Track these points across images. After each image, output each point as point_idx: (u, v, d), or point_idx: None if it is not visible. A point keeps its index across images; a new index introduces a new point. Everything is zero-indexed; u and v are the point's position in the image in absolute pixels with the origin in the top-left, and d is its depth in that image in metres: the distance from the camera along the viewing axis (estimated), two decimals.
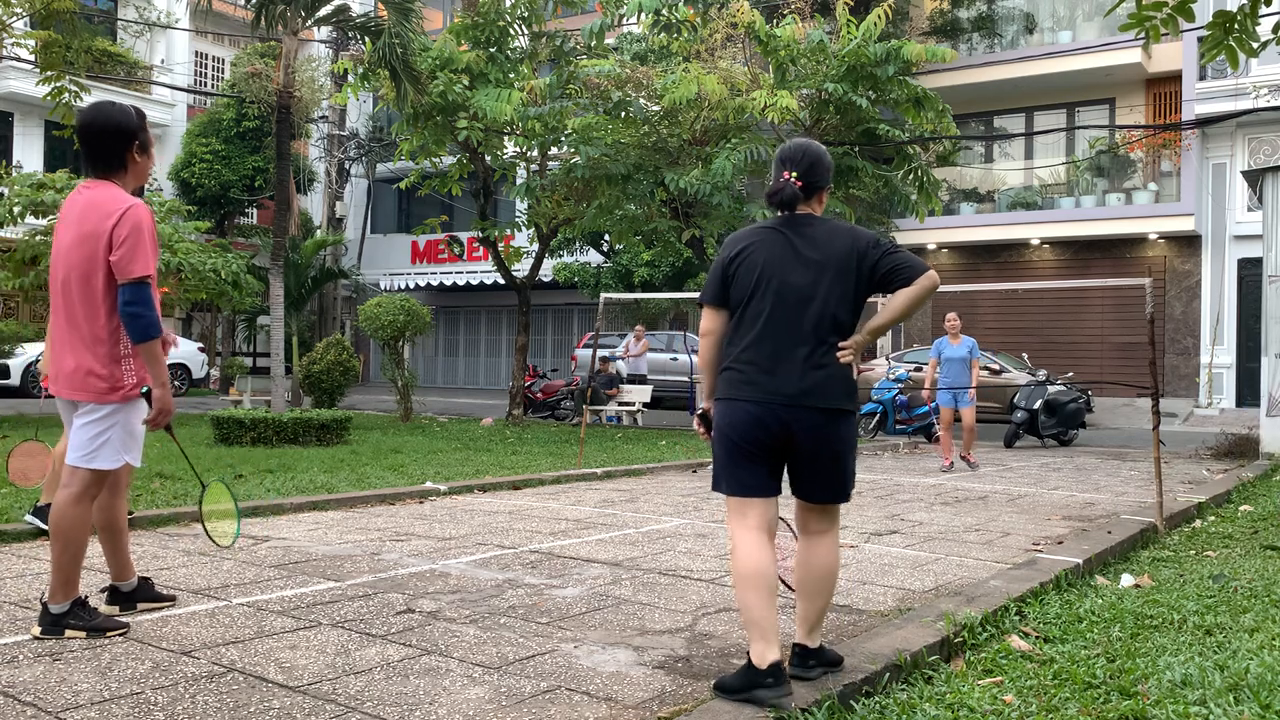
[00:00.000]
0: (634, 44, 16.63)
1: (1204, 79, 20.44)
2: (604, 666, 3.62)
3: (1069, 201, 22.22)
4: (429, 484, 8.33)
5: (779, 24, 14.58)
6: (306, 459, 9.86)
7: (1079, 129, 22.26)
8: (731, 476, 3.35)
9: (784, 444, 3.30)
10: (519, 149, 17.39)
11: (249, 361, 29.72)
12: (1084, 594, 4.85)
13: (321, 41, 28.15)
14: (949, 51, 14.52)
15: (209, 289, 16.88)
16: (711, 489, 3.49)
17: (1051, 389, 14.92)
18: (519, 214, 18.97)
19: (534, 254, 18.74)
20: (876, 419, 15.30)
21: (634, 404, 17.89)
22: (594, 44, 15.22)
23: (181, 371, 23.35)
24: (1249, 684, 3.37)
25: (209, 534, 4.97)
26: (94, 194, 3.88)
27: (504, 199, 20.00)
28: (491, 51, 15.92)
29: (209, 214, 26.89)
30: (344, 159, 30.19)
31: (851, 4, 14.94)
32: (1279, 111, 19.08)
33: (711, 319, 3.47)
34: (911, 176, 15.48)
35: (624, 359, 19.67)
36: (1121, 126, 21.75)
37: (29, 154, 26.03)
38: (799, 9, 15.82)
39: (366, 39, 15.07)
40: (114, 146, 3.93)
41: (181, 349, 23.62)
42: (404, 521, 6.80)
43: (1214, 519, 7.60)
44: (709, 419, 3.48)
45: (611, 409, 17.84)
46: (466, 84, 15.43)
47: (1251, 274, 19.39)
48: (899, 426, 15.32)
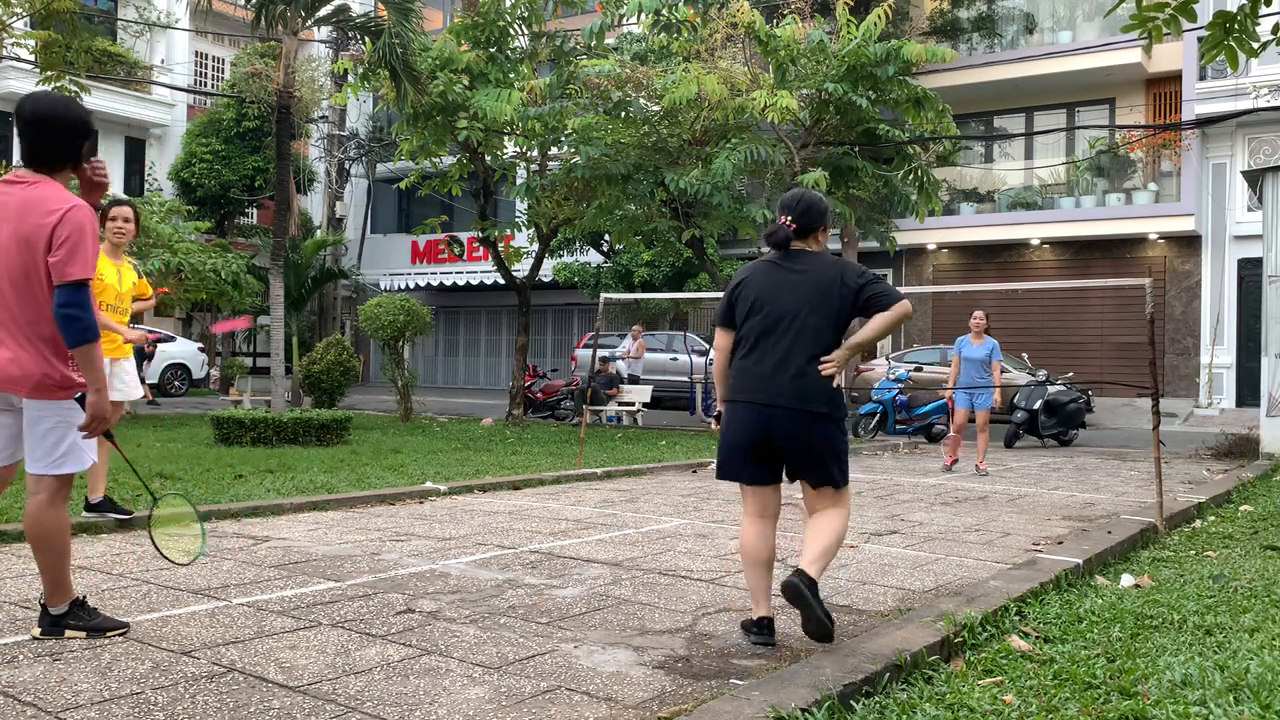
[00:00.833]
0: (634, 44, 16.62)
1: (1204, 79, 20.44)
2: (604, 666, 3.63)
3: (1069, 201, 22.22)
4: (429, 484, 8.33)
5: (779, 24, 14.56)
6: (306, 459, 9.86)
7: (1079, 129, 22.26)
8: (728, 465, 3.98)
9: (768, 440, 3.84)
10: (519, 149, 17.39)
11: (249, 361, 29.74)
12: (1084, 594, 4.85)
13: (321, 41, 28.15)
14: (949, 51, 14.51)
15: (209, 289, 16.90)
16: (716, 477, 4.08)
17: (1051, 389, 14.92)
18: (519, 214, 18.97)
19: (534, 254, 18.74)
20: (876, 419, 15.28)
21: (634, 404, 17.90)
22: (594, 44, 15.21)
23: (181, 371, 23.36)
24: (1249, 684, 3.37)
25: (160, 550, 4.41)
26: (33, 190, 3.66)
27: (504, 199, 20.01)
28: (491, 51, 15.92)
29: (209, 214, 26.91)
30: (344, 159, 30.20)
31: (851, 4, 14.92)
32: (1279, 111, 19.08)
33: (721, 337, 4.08)
34: (911, 176, 15.47)
35: (624, 359, 19.68)
36: (1121, 126, 21.75)
37: None
38: (799, 9, 15.78)
39: (366, 39, 15.08)
40: (66, 142, 3.72)
41: (181, 349, 23.66)
42: (404, 521, 6.80)
43: (1214, 519, 7.60)
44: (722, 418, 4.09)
45: (611, 409, 17.84)
46: (466, 84, 15.42)
47: (1251, 274, 19.39)
48: (899, 426, 15.30)
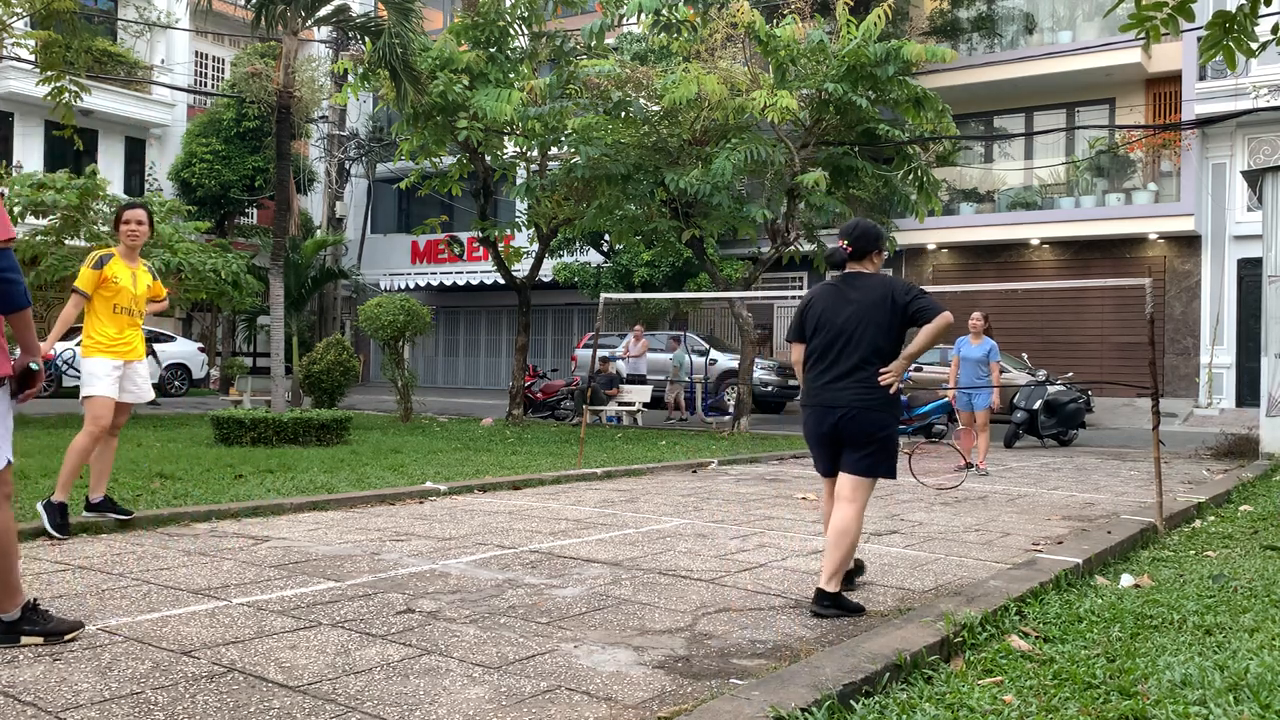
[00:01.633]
0: (634, 44, 16.60)
1: (1204, 79, 20.43)
2: (604, 666, 3.63)
3: (1069, 201, 22.21)
4: (429, 484, 8.33)
5: (779, 24, 14.56)
6: (306, 459, 9.86)
7: (1079, 129, 22.25)
8: (814, 459, 4.80)
9: (834, 433, 4.56)
10: (519, 149, 17.39)
11: (249, 361, 29.74)
12: (1084, 594, 4.85)
13: (321, 41, 28.14)
14: (949, 51, 14.50)
15: (209, 289, 16.89)
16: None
17: (1051, 389, 14.92)
18: (519, 214, 18.96)
19: (534, 254, 18.73)
20: None
21: (634, 404, 17.90)
22: (594, 44, 15.20)
23: (181, 371, 23.37)
24: (1249, 684, 3.37)
25: None
26: None
27: (504, 199, 20.00)
28: (491, 51, 15.92)
29: (209, 214, 26.91)
30: (344, 159, 30.19)
31: (851, 4, 14.91)
32: (1279, 111, 19.07)
33: (795, 350, 4.80)
34: (911, 176, 15.47)
35: (624, 359, 19.67)
36: (1121, 126, 21.74)
37: (29, 154, 26.02)
38: (799, 9, 15.77)
39: (366, 39, 15.07)
40: None
41: (181, 349, 23.67)
42: (404, 521, 6.80)
43: (1214, 519, 7.60)
44: None
45: (611, 409, 17.84)
46: (466, 84, 15.42)
47: (1251, 274, 19.38)
48: (899, 426, 15.29)
